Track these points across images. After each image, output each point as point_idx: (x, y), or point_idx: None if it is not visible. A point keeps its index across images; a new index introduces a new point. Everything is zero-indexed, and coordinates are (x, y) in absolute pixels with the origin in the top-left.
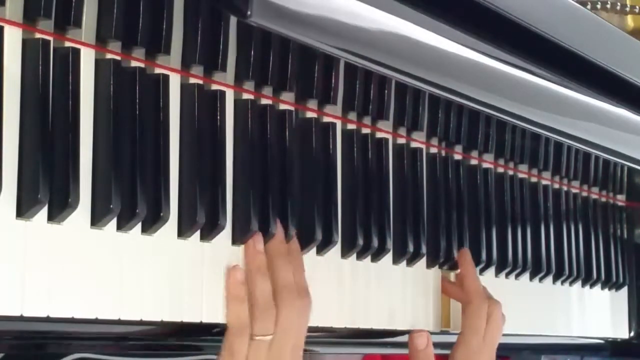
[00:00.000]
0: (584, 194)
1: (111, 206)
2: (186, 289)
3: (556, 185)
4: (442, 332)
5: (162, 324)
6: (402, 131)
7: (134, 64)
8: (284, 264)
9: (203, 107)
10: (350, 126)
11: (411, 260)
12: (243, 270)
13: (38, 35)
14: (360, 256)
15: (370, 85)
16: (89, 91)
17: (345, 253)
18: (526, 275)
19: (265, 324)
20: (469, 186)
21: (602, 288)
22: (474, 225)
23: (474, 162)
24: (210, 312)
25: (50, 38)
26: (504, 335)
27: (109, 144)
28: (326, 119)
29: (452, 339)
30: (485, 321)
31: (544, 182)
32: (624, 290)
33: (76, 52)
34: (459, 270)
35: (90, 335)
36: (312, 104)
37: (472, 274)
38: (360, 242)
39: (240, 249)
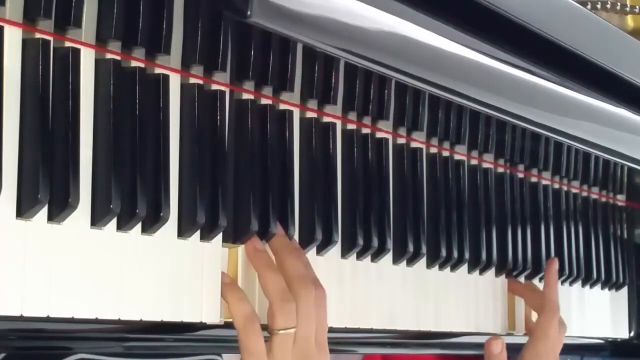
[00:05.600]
0: (584, 194)
1: (111, 206)
2: (186, 289)
3: (556, 185)
4: None
5: (162, 324)
6: (402, 131)
7: (134, 64)
8: (292, 255)
9: (203, 107)
10: (350, 126)
11: (411, 260)
12: (227, 274)
13: (38, 35)
14: (360, 256)
15: (370, 85)
16: (89, 91)
17: (345, 253)
18: (526, 275)
19: (286, 317)
20: (469, 186)
21: (602, 288)
22: (474, 225)
23: (474, 162)
24: (210, 312)
25: (50, 38)
26: (504, 335)
27: (109, 143)
28: (326, 119)
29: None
30: (557, 329)
31: (544, 182)
32: (624, 290)
33: (76, 52)
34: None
35: (90, 335)
36: (312, 104)
37: (554, 285)
38: (360, 242)
39: (240, 249)
